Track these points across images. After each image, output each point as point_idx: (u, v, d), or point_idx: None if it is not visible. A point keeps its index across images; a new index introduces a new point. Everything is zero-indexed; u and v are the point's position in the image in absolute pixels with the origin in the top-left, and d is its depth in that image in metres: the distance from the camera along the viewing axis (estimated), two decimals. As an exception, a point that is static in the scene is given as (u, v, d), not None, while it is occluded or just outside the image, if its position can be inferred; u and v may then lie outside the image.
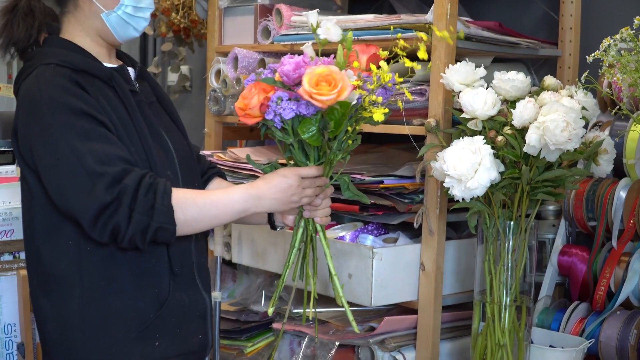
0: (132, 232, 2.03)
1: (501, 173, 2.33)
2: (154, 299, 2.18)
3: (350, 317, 2.30)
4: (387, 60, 2.20)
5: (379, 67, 2.17)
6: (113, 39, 2.26)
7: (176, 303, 2.22)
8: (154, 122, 2.27)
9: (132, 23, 2.25)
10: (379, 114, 2.15)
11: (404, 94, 2.55)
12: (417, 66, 2.22)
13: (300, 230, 2.31)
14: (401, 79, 2.18)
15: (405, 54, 2.18)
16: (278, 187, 2.18)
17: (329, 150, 2.21)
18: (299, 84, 2.12)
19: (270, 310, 2.32)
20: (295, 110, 2.11)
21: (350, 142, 2.21)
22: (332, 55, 2.22)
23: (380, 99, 2.17)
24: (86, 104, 2.09)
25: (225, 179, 2.58)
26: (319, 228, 2.31)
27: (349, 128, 2.18)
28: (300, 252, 2.31)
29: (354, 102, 2.15)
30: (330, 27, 2.21)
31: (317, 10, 2.32)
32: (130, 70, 2.32)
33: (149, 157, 2.17)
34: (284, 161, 2.29)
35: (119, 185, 2.01)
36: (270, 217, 2.43)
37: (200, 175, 2.46)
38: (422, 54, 2.18)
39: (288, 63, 2.13)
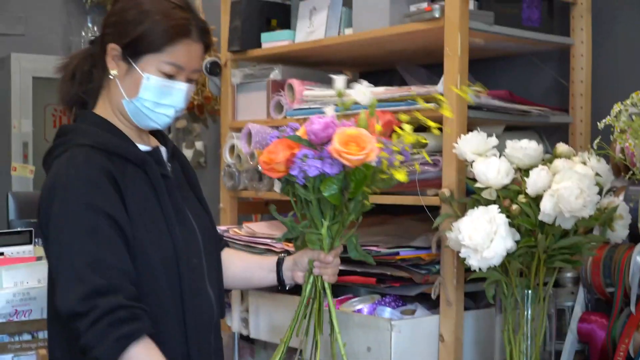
0: (82, 343, 2.00)
1: (517, 242, 2.32)
2: None
3: None
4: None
5: (391, 133, 2.21)
6: (135, 124, 2.26)
7: None
8: (183, 207, 2.26)
9: (152, 117, 2.22)
10: (402, 174, 2.18)
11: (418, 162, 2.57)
12: (436, 132, 2.25)
13: (309, 287, 2.33)
14: (419, 145, 2.22)
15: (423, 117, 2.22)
16: None
17: (346, 210, 2.23)
18: (325, 143, 2.16)
19: None
20: (319, 169, 2.13)
21: (367, 202, 2.24)
22: (353, 119, 2.25)
23: (401, 157, 2.20)
24: (107, 201, 2.08)
25: (229, 246, 2.60)
26: (326, 286, 2.33)
27: (366, 189, 2.21)
28: (308, 308, 2.33)
29: (373, 163, 2.18)
30: (365, 91, 2.25)
31: (345, 77, 2.35)
32: (163, 150, 2.32)
33: (174, 243, 2.17)
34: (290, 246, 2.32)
35: (93, 301, 1.99)
36: (280, 275, 2.44)
37: None
38: (443, 116, 2.21)
39: (317, 122, 2.16)
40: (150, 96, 2.19)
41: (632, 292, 2.54)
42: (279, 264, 2.46)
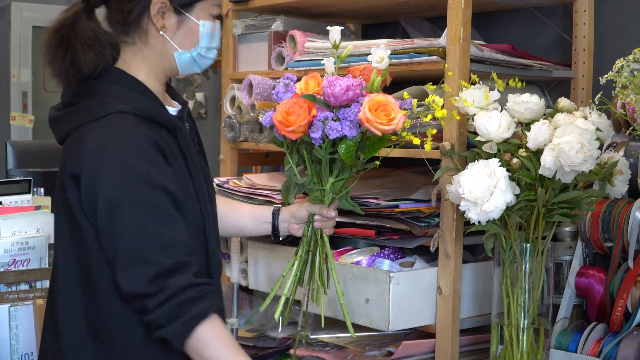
0: (149, 319, 1.97)
1: (517, 195, 2.33)
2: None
3: (347, 317, 2.35)
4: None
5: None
6: (176, 73, 2.23)
7: None
8: (207, 174, 2.25)
9: (200, 62, 2.20)
10: (428, 146, 2.27)
11: (418, 117, 2.57)
12: (431, 87, 2.27)
13: (308, 239, 2.38)
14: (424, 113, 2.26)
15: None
16: None
17: (354, 168, 2.27)
18: (345, 106, 2.19)
19: (277, 315, 2.34)
20: (340, 132, 2.15)
21: (377, 162, 2.30)
22: (361, 77, 2.27)
23: (409, 122, 2.25)
24: (163, 174, 2.03)
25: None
26: (325, 239, 2.37)
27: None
28: (307, 261, 2.38)
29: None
30: (384, 56, 2.24)
31: (340, 27, 2.34)
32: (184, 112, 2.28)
33: (204, 217, 2.16)
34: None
35: (161, 283, 1.95)
36: (275, 227, 2.46)
37: None
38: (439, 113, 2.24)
39: (338, 85, 2.16)
40: (205, 42, 2.17)
41: (630, 247, 2.55)
42: (275, 215, 2.47)
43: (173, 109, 2.23)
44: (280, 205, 2.51)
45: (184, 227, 2.04)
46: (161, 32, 2.13)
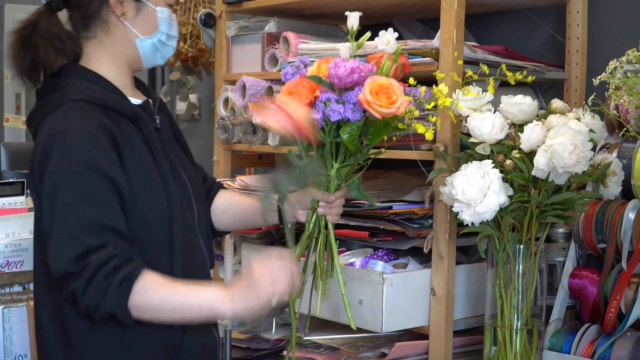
0: (84, 305, 2.01)
1: (510, 197, 2.33)
2: (167, 345, 2.17)
3: (347, 307, 2.35)
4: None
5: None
6: (140, 65, 2.28)
7: (191, 347, 2.22)
8: (175, 161, 2.27)
9: (162, 51, 2.27)
10: (429, 132, 2.22)
11: (411, 119, 2.57)
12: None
13: (312, 226, 2.36)
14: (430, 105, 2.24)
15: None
16: (249, 282, 2.05)
17: (360, 155, 2.25)
18: (349, 88, 2.16)
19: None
20: (342, 114, 2.13)
21: (382, 149, 2.30)
22: (373, 63, 2.25)
23: (417, 112, 2.23)
24: (105, 159, 2.06)
25: (224, 188, 2.60)
26: (329, 226, 2.36)
27: (384, 137, 2.25)
28: (309, 248, 2.38)
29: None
30: (391, 39, 2.24)
31: (358, 12, 2.34)
32: (151, 103, 2.32)
33: (169, 200, 2.17)
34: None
35: (85, 260, 1.98)
36: (280, 213, 2.45)
37: (206, 195, 2.48)
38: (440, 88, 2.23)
39: (343, 67, 2.15)
40: (165, 29, 2.24)
41: (623, 248, 2.55)
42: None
43: (137, 100, 2.27)
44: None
45: (117, 213, 2.06)
46: (121, 19, 2.19)
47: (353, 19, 2.31)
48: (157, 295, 2.03)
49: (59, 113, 2.10)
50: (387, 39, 2.26)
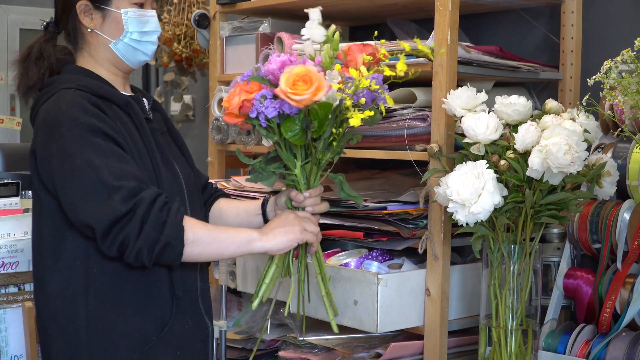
0: (140, 245, 2.07)
1: (504, 197, 2.33)
2: (157, 321, 2.23)
3: (329, 311, 2.34)
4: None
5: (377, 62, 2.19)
6: (125, 65, 2.35)
7: (179, 326, 2.27)
8: (166, 150, 2.33)
9: (141, 48, 2.34)
10: (357, 119, 2.13)
11: (406, 120, 2.56)
12: (403, 66, 2.22)
13: None
14: (377, 86, 2.17)
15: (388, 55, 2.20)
16: (279, 222, 2.24)
17: (315, 150, 2.21)
18: None
19: (255, 304, 2.30)
20: (278, 109, 2.11)
21: (335, 143, 2.20)
22: (305, 56, 2.24)
23: (363, 100, 2.16)
24: (105, 124, 2.15)
25: (227, 196, 2.65)
26: None
27: (334, 130, 2.18)
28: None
29: (337, 103, 2.15)
30: (314, 27, 2.23)
31: (319, 7, 2.31)
32: (144, 101, 2.40)
33: (159, 182, 2.23)
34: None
35: (135, 198, 2.07)
36: (265, 216, 2.49)
37: (205, 203, 2.51)
38: (401, 66, 2.20)
39: (274, 62, 2.15)
40: (134, 27, 2.31)
41: (618, 248, 2.56)
42: (264, 204, 2.50)
43: (127, 93, 2.37)
44: (269, 196, 2.52)
45: (136, 166, 2.17)
46: (89, 30, 2.31)
47: (313, 14, 2.28)
48: (204, 229, 2.18)
49: (51, 100, 2.21)
50: (310, 28, 2.23)
